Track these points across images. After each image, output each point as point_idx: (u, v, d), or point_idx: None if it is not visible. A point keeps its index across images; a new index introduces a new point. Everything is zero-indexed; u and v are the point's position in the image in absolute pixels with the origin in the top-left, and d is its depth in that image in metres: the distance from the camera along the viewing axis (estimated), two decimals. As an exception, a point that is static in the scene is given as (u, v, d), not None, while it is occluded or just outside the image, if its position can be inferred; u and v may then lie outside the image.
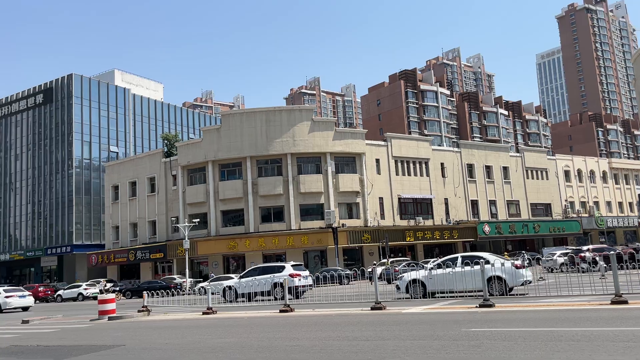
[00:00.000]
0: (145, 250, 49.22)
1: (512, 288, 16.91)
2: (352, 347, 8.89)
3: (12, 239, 64.93)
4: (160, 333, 13.44)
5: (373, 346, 8.88)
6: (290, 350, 9.11)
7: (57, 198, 60.80)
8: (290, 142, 45.75)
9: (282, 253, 45.87)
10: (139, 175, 52.40)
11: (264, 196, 45.72)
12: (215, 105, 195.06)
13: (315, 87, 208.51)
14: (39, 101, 63.60)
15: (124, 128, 65.61)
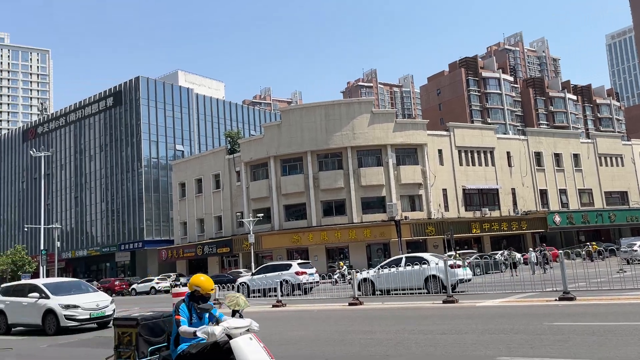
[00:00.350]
0: (212, 245, 50.68)
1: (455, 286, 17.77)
2: (429, 341, 8.73)
3: (88, 236, 68.61)
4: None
5: (451, 340, 8.68)
6: (366, 344, 9.06)
7: (128, 196, 63.64)
8: (350, 135, 45.62)
9: (345, 246, 45.96)
10: (204, 173, 53.93)
11: (325, 190, 45.88)
12: (274, 102, 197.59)
13: (372, 79, 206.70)
14: (109, 104, 66.74)
15: (189, 127, 67.69)
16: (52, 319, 14.30)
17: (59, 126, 73.61)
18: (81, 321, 14.43)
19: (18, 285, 16.77)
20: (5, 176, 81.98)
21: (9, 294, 16.23)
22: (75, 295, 15.17)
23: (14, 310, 15.39)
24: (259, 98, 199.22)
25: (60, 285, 15.89)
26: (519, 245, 47.77)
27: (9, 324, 15.53)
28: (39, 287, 15.33)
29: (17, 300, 15.44)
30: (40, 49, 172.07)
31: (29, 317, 14.96)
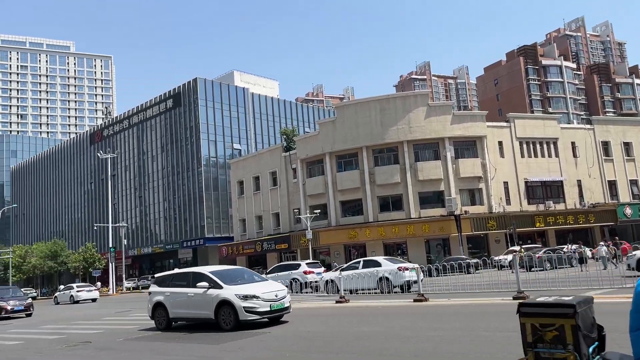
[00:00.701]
0: (270, 241, 51.45)
1: (396, 286, 20.77)
2: (506, 339, 8.46)
3: (152, 233, 71.24)
4: (301, 321, 13.86)
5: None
6: (438, 340, 8.89)
7: (189, 195, 65.56)
8: (405, 129, 45.03)
9: (403, 242, 45.50)
10: (261, 170, 54.77)
11: (381, 185, 45.54)
12: (326, 99, 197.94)
13: (426, 72, 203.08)
14: (169, 106, 68.93)
15: (245, 126, 68.93)
16: (228, 312, 12.52)
17: (122, 129, 76.76)
18: (261, 314, 12.55)
19: (178, 275, 14.97)
20: (74, 178, 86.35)
21: (167, 284, 14.58)
22: (247, 284, 13.32)
23: (176, 302, 13.82)
24: (311, 95, 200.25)
25: (226, 273, 13.99)
26: (586, 239, 45.71)
27: (170, 318, 14.00)
28: (207, 275, 13.48)
29: (181, 291, 13.77)
30: (103, 55, 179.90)
31: (197, 309, 13.31)
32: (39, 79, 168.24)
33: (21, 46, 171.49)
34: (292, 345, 9.97)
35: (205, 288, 13.02)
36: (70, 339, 14.62)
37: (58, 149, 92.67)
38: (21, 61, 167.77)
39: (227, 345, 10.50)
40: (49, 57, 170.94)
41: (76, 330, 16.98)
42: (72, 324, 19.84)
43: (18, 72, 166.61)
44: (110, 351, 11.49)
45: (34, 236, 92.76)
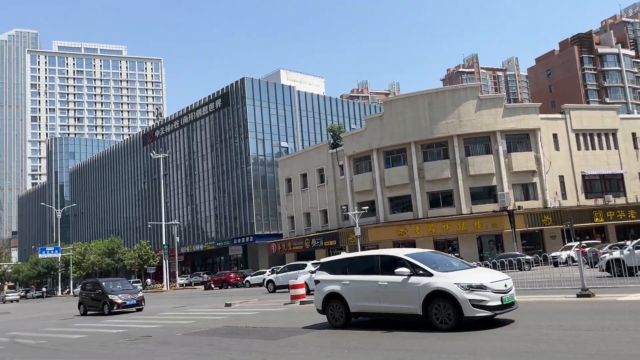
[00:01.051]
0: (319, 238, 51.59)
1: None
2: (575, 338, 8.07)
3: (203, 231, 72.81)
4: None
5: (599, 337, 7.96)
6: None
7: (238, 193, 66.60)
8: (455, 123, 44.09)
9: (454, 239, 44.65)
10: (308, 168, 54.97)
11: (430, 181, 44.81)
12: (371, 95, 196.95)
13: (474, 64, 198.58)
14: (218, 105, 70.20)
15: (292, 123, 69.38)
16: (445, 306, 9.79)
17: (173, 129, 78.76)
18: (492, 309, 9.76)
19: (358, 259, 12.17)
20: (128, 177, 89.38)
21: (342, 270, 11.88)
22: (462, 271, 10.53)
23: (360, 293, 11.20)
24: (356, 92, 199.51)
25: (428, 257, 11.17)
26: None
27: (351, 313, 11.43)
28: (405, 259, 10.74)
29: (366, 279, 11.16)
30: (154, 58, 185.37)
31: (393, 302, 10.63)
32: (93, 83, 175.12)
33: (77, 52, 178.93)
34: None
35: (405, 275, 10.36)
36: (131, 333, 15.08)
37: (113, 150, 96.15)
38: (77, 66, 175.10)
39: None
40: (102, 62, 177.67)
41: (136, 325, 17.49)
42: (131, 318, 20.48)
43: (74, 77, 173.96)
44: (171, 345, 11.73)
45: (91, 234, 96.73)
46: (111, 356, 11.06)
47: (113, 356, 11.03)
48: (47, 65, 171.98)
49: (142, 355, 10.72)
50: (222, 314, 18.34)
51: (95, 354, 11.73)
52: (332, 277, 11.91)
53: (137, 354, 11.02)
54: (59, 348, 13.23)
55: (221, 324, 15.09)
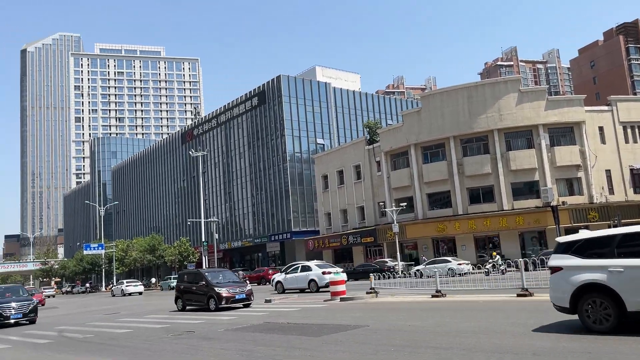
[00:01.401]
0: (356, 235, 51.33)
1: (320, 287, 26.09)
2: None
3: (241, 227, 73.55)
4: (398, 315, 13.54)
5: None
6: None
7: (275, 190, 66.98)
8: (496, 117, 43.05)
9: (495, 235, 43.63)
10: (345, 164, 54.73)
11: (470, 176, 43.92)
12: (407, 90, 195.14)
13: (513, 57, 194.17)
14: (254, 104, 70.71)
15: (328, 120, 69.26)
16: None
17: (211, 127, 79.81)
18: None
19: (630, 236, 8.72)
20: (168, 175, 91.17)
21: (604, 253, 8.76)
22: None
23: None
24: (392, 87, 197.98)
25: None
26: None
27: (628, 312, 8.23)
28: None
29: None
30: (191, 58, 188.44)
31: None
32: (133, 84, 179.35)
33: (117, 54, 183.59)
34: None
35: None
36: (174, 328, 15.25)
37: (152, 149, 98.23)
38: (117, 68, 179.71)
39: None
40: (142, 63, 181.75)
41: (178, 320, 17.70)
42: (173, 314, 20.76)
43: (115, 78, 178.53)
44: (214, 341, 11.78)
45: (133, 231, 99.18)
46: (156, 350, 11.18)
47: (158, 350, 11.14)
48: (89, 67, 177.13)
49: (187, 351, 10.79)
50: (263, 310, 18.39)
51: (140, 347, 11.89)
52: (588, 263, 8.81)
53: (182, 349, 11.10)
54: (105, 342, 13.48)
55: (262, 320, 15.11)
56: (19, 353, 12.96)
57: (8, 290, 22.24)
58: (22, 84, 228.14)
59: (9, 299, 20.65)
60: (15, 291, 22.19)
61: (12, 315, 19.91)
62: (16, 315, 19.99)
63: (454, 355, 7.83)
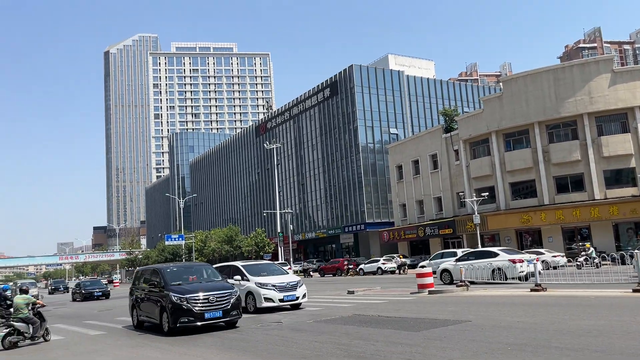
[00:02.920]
0: (433, 226, 49.88)
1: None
2: None
3: (314, 219, 73.83)
4: (499, 310, 12.59)
5: None
6: None
7: (348, 181, 66.53)
8: (585, 100, 40.13)
9: (585, 226, 40.85)
10: (420, 154, 53.27)
11: (557, 164, 41.31)
12: (481, 77, 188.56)
13: (596, 38, 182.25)
14: (326, 95, 70.45)
15: (401, 109, 67.79)
16: None
17: (284, 120, 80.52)
18: None
19: None
20: (242, 168, 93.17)
21: None
22: None
23: None
24: (464, 75, 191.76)
25: None
26: None
27: None
28: None
29: None
30: (262, 53, 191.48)
31: None
32: (208, 80, 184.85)
33: (192, 52, 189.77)
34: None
35: None
36: (260, 318, 15.08)
37: (228, 142, 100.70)
38: (192, 65, 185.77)
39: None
40: (215, 60, 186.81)
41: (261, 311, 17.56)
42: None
43: (191, 75, 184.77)
44: (306, 333, 11.40)
45: (210, 222, 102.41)
46: (249, 341, 10.95)
47: (252, 341, 10.91)
48: (166, 66, 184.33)
49: (280, 342, 10.47)
50: (348, 302, 17.92)
51: (230, 337, 11.72)
52: None
53: (274, 340, 10.79)
54: (202, 332, 13.47)
55: (350, 312, 14.62)
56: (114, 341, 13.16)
57: (189, 270, 14.50)
58: (105, 84, 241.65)
59: (196, 285, 13.10)
60: (199, 272, 14.42)
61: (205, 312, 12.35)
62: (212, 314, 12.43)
63: (590, 359, 6.91)
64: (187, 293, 12.38)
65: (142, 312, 14.31)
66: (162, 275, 13.42)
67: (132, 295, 15.08)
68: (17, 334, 12.73)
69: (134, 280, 15.56)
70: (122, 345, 11.87)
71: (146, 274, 14.73)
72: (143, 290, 14.30)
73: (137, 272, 15.89)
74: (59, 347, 12.54)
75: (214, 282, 13.64)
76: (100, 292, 36.80)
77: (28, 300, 13.20)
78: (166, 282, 13.06)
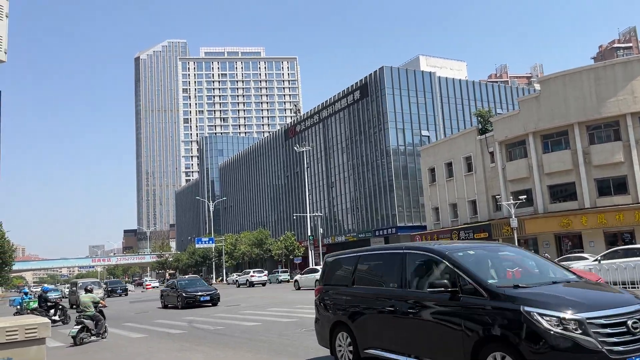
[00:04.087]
0: (468, 230, 48.80)
1: None
2: None
3: (343, 222, 73.26)
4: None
5: None
6: None
7: (379, 184, 65.78)
8: (629, 99, 38.66)
9: (629, 231, 39.26)
10: (454, 156, 52.24)
11: (598, 166, 39.88)
12: (511, 79, 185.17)
13: (632, 38, 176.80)
14: (356, 97, 69.91)
15: (433, 111, 66.79)
16: None
17: (313, 123, 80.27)
18: None
19: None
20: (272, 171, 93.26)
21: None
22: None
23: None
24: (494, 77, 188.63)
25: None
26: None
27: None
28: None
29: None
30: (289, 57, 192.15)
31: None
32: (236, 85, 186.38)
33: (220, 56, 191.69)
34: None
35: None
36: (303, 323, 14.69)
37: (256, 146, 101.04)
38: (221, 70, 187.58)
39: None
40: (243, 64, 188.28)
41: (303, 314, 17.20)
42: (295, 307, 20.39)
43: (219, 79, 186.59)
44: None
45: (240, 226, 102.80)
46: (298, 347, 10.54)
47: (301, 347, 10.49)
48: (195, 71, 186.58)
49: (331, 348, 10.01)
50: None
51: (277, 342, 11.33)
52: None
53: (324, 346, 10.34)
54: (240, 335, 13.16)
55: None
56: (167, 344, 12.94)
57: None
58: (136, 89, 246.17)
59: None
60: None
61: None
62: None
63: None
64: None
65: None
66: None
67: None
68: (86, 330, 13.76)
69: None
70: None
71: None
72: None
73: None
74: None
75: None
76: (208, 297, 25.80)
77: (93, 299, 14.70)
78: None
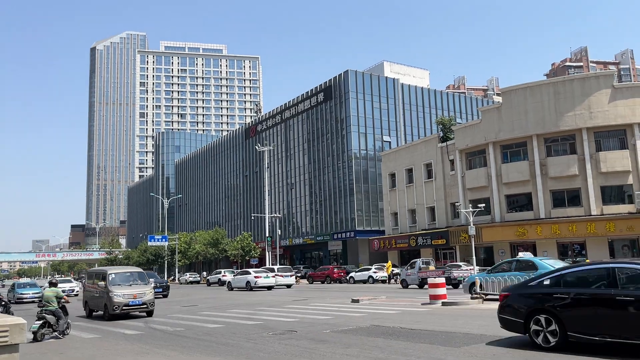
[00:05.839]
0: (426, 236, 49.18)
1: None
2: None
3: (302, 225, 72.62)
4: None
5: None
6: None
7: (339, 187, 65.55)
8: (585, 114, 39.89)
9: (581, 242, 40.49)
10: (414, 162, 52.64)
11: (554, 178, 40.95)
12: (469, 91, 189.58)
13: (582, 57, 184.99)
14: (320, 99, 69.50)
15: (395, 117, 67.15)
16: None
17: (274, 123, 79.37)
18: None
19: None
20: (230, 170, 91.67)
21: None
22: None
23: None
24: (452, 88, 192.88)
25: None
26: None
27: None
28: None
29: None
30: (251, 56, 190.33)
31: None
32: (196, 81, 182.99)
33: (181, 51, 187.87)
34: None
35: None
36: (269, 326, 14.10)
37: (215, 144, 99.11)
38: (181, 65, 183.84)
39: None
40: (204, 61, 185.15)
41: (267, 317, 16.58)
42: (258, 309, 19.71)
43: (179, 75, 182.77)
44: (330, 344, 10.42)
45: (194, 224, 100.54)
46: (269, 352, 9.92)
47: (271, 352, 9.88)
48: (154, 65, 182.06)
49: (302, 354, 9.47)
50: (357, 311, 16.96)
51: (245, 347, 10.69)
52: None
53: (296, 351, 9.79)
54: (202, 338, 12.43)
55: (366, 323, 13.70)
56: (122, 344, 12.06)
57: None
58: (90, 81, 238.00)
59: None
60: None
61: None
62: None
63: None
64: None
65: None
66: None
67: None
68: (48, 326, 13.15)
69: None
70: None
71: None
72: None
73: None
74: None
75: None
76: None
77: (57, 293, 13.88)
78: None
